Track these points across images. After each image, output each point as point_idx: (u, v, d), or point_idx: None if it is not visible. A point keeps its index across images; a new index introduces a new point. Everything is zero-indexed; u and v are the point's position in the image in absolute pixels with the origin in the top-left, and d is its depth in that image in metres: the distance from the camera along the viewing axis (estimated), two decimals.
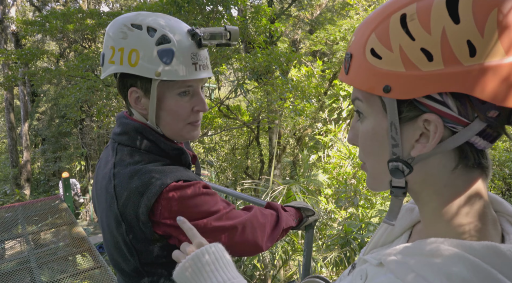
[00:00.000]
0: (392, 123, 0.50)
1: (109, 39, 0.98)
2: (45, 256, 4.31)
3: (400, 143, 0.50)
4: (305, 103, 6.50)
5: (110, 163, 1.00)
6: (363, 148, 0.57)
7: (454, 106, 0.45)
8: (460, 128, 0.46)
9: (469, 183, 0.50)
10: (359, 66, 0.52)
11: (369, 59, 0.50)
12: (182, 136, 1.05)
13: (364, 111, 0.55)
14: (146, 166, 0.95)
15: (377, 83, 0.49)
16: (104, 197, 0.99)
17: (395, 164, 0.52)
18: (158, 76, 0.94)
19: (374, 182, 0.58)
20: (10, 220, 5.20)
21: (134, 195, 0.91)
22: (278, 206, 1.22)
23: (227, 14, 5.51)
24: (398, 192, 0.55)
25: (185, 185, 0.93)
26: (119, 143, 1.02)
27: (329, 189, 7.39)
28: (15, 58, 8.15)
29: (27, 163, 13.93)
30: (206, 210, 0.95)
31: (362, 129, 0.56)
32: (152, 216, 0.91)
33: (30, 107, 15.78)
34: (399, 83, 0.47)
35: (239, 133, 11.63)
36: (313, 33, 9.97)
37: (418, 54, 0.45)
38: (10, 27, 13.30)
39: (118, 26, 0.97)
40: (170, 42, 0.94)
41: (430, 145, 0.48)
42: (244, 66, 5.94)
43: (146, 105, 1.00)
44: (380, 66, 0.49)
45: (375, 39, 0.49)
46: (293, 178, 9.09)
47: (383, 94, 0.49)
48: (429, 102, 0.47)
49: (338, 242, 4.57)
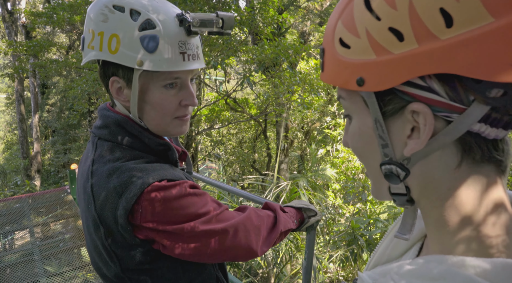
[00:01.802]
0: (376, 120, 0.42)
1: (89, 21, 0.88)
2: (49, 249, 4.30)
3: (389, 142, 0.43)
4: (314, 96, 6.37)
5: (89, 159, 0.91)
6: (355, 152, 0.49)
7: (442, 91, 0.37)
8: (455, 116, 0.38)
9: (479, 183, 0.40)
10: (331, 60, 0.46)
11: (339, 51, 0.44)
12: (168, 132, 0.96)
13: (349, 110, 0.47)
14: (126, 163, 0.86)
15: (350, 76, 0.42)
16: (83, 196, 0.90)
17: (388, 168, 0.44)
18: (140, 65, 0.83)
19: (375, 189, 0.50)
20: (18, 211, 5.21)
21: (112, 196, 0.82)
22: (276, 206, 1.13)
23: (234, 5, 5.39)
24: (400, 200, 0.46)
25: (169, 185, 0.83)
26: (99, 137, 0.93)
27: (337, 184, 7.30)
28: (24, 50, 8.16)
29: (38, 155, 14.06)
30: (193, 212, 0.85)
31: (350, 131, 0.48)
32: (131, 219, 0.82)
33: (40, 99, 15.92)
34: (372, 72, 0.40)
35: (247, 127, 11.55)
36: (323, 25, 9.78)
37: (387, 35, 0.38)
38: (20, 19, 13.35)
39: (99, 7, 0.86)
40: (155, 28, 0.84)
41: (422, 140, 0.40)
42: (251, 58, 5.82)
43: (129, 96, 0.90)
44: (350, 56, 0.42)
45: (342, 26, 0.43)
46: (300, 172, 8.99)
47: (357, 88, 0.42)
48: (412, 89, 0.39)
49: (345, 238, 4.48)
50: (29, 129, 14.91)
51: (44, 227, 4.97)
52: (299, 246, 3.84)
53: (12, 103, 19.03)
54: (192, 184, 0.89)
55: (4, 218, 4.99)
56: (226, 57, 5.74)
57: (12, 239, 5.23)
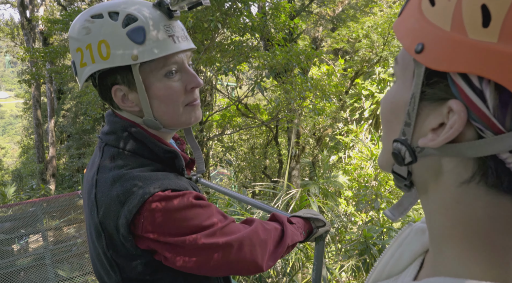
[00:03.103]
0: (413, 96, 0.38)
1: (73, 42, 0.87)
2: (61, 253, 4.33)
3: (414, 124, 0.39)
4: (325, 102, 6.32)
5: (95, 165, 0.90)
6: (381, 114, 0.45)
7: (492, 102, 0.32)
8: (489, 134, 0.33)
9: (495, 209, 0.35)
10: (411, 9, 0.39)
11: (423, 3, 0.37)
12: (183, 122, 0.94)
13: (396, 74, 0.43)
14: (131, 171, 0.84)
15: (414, 37, 0.37)
16: (87, 203, 0.89)
17: (399, 147, 0.40)
18: (136, 59, 0.83)
19: (381, 158, 0.47)
20: (32, 215, 5.28)
21: (114, 204, 0.80)
22: (283, 218, 1.09)
23: (246, 11, 5.40)
24: (399, 181, 0.43)
25: (172, 196, 0.81)
26: (106, 143, 0.92)
27: (350, 191, 7.21)
28: (41, 56, 8.34)
29: (53, 159, 14.31)
30: (197, 224, 0.83)
31: (388, 92, 0.44)
32: (133, 229, 0.80)
33: (56, 104, 16.24)
34: (435, 45, 0.34)
35: (258, 132, 11.54)
36: (335, 30, 9.75)
37: (475, 12, 0.31)
38: (38, 26, 13.68)
39: (78, 24, 0.86)
40: (138, 19, 0.84)
41: (439, 140, 0.35)
42: (263, 64, 5.82)
43: (136, 99, 0.88)
44: (428, 15, 0.36)
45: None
46: (312, 179, 8.92)
47: (413, 54, 0.37)
48: (463, 84, 0.33)
49: (358, 247, 4.39)
50: (45, 133, 15.21)
51: (57, 231, 5.02)
52: (309, 255, 3.78)
53: (29, 108, 19.45)
54: (197, 194, 0.86)
55: (18, 222, 5.07)
56: (237, 63, 5.74)
57: (27, 243, 5.31)
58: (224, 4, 5.14)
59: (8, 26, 19.03)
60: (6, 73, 63.79)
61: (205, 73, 7.60)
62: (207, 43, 5.62)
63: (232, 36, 6.33)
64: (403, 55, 0.41)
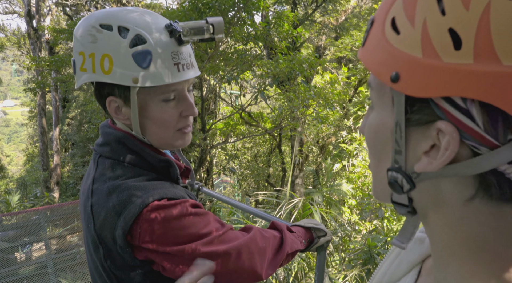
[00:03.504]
0: (397, 123, 0.38)
1: (77, 44, 0.86)
2: (64, 261, 4.33)
3: (404, 150, 0.38)
4: (329, 110, 6.32)
5: (90, 177, 0.90)
6: (367, 143, 0.44)
7: (480, 119, 0.32)
8: (484, 150, 0.33)
9: (498, 219, 0.35)
10: (375, 39, 0.39)
11: (387, 32, 0.37)
12: (171, 145, 0.94)
13: (374, 101, 0.42)
14: (126, 181, 0.84)
15: (387, 66, 0.36)
16: (83, 215, 0.89)
17: (394, 175, 0.40)
18: (136, 83, 0.82)
19: (376, 189, 0.45)
20: (35, 223, 5.28)
21: (110, 215, 0.80)
22: (283, 226, 1.08)
23: (249, 20, 5.44)
24: (401, 209, 0.42)
25: (169, 204, 0.81)
26: (100, 154, 0.92)
27: (353, 199, 7.16)
28: (46, 65, 8.42)
29: (57, 167, 14.36)
30: (195, 233, 0.82)
31: (369, 121, 0.43)
32: (130, 239, 0.80)
33: (61, 113, 16.35)
34: (411, 72, 0.34)
35: (262, 141, 11.53)
36: (338, 39, 9.78)
37: (444, 37, 0.31)
38: (44, 35, 13.85)
39: (86, 28, 0.85)
40: (146, 42, 0.82)
41: (437, 164, 0.35)
42: (266, 73, 5.84)
43: (128, 114, 0.88)
44: (395, 44, 0.36)
45: (401, 5, 0.36)
46: (316, 187, 8.88)
47: (389, 83, 0.36)
48: (448, 106, 0.33)
49: (361, 256, 4.35)
50: (49, 141, 15.29)
51: (60, 239, 5.01)
52: (311, 265, 3.75)
53: (35, 116, 19.61)
54: (194, 203, 0.86)
55: (22, 230, 5.07)
56: (241, 71, 5.77)
57: (30, 251, 5.31)
58: (228, 14, 5.18)
59: (15, 35, 19.28)
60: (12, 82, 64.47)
61: (209, 81, 7.63)
62: (210, 51, 5.65)
63: (236, 45, 6.36)
64: (376, 81, 0.41)
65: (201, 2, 4.84)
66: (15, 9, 18.52)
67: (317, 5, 9.15)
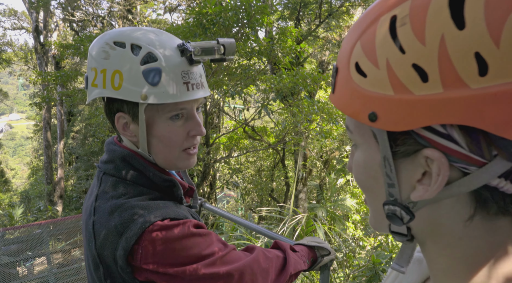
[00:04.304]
0: (385, 158, 0.38)
1: (91, 60, 0.88)
2: (64, 277, 4.28)
3: (397, 183, 0.39)
4: (332, 125, 6.32)
5: (93, 195, 0.89)
6: (357, 182, 0.45)
7: (463, 141, 0.33)
8: (473, 169, 0.34)
9: (494, 236, 0.36)
10: (343, 84, 0.40)
11: (353, 76, 0.39)
12: (175, 165, 0.93)
13: (356, 141, 0.43)
14: (129, 200, 0.83)
15: (362, 108, 0.38)
16: (85, 233, 0.88)
17: (392, 209, 0.40)
18: (145, 99, 0.82)
19: (374, 221, 0.46)
20: (38, 237, 5.27)
21: (112, 235, 0.79)
22: (286, 246, 1.07)
23: (253, 36, 5.51)
24: (400, 238, 0.42)
25: (171, 225, 0.80)
26: (104, 172, 0.91)
27: (358, 214, 7.10)
28: (52, 80, 8.53)
29: (61, 180, 14.39)
30: (197, 254, 0.81)
31: (355, 160, 0.44)
32: (131, 260, 0.79)
33: (66, 126, 16.48)
34: (387, 110, 0.35)
35: (265, 155, 11.52)
36: None
37: (409, 73, 0.33)
38: (51, 50, 14.07)
39: (100, 45, 0.86)
40: (157, 60, 0.83)
41: (432, 190, 0.36)
42: (270, 87, 5.88)
43: (136, 131, 0.89)
44: (365, 86, 0.37)
45: (360, 50, 0.38)
46: (319, 202, 8.82)
47: (368, 123, 0.37)
48: (429, 134, 0.34)
49: (366, 273, 4.28)
50: (54, 155, 15.35)
51: (62, 254, 4.98)
52: None
53: (40, 130, 19.76)
54: (196, 223, 0.85)
55: (24, 244, 5.05)
56: (244, 86, 5.81)
57: (32, 265, 5.27)
58: (232, 29, 5.25)
59: (22, 50, 19.61)
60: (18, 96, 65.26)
61: (213, 95, 7.69)
62: (214, 66, 5.71)
63: (240, 60, 6.42)
64: (354, 123, 0.42)
65: (206, 18, 4.91)
66: (23, 25, 18.88)
67: (320, 21, 9.26)
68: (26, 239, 5.18)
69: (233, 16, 4.86)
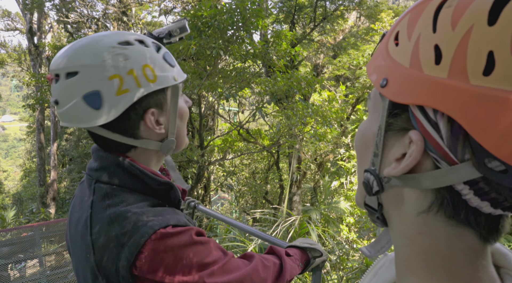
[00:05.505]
0: (380, 127, 0.41)
1: (106, 69, 0.81)
2: (57, 279, 4.26)
3: (381, 154, 0.41)
4: (326, 128, 6.36)
5: (87, 204, 0.86)
6: (355, 147, 0.47)
7: (446, 134, 0.34)
8: (444, 164, 0.34)
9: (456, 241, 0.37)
10: (379, 50, 0.43)
11: (389, 44, 0.41)
12: (185, 142, 0.99)
13: (368, 108, 0.45)
14: (128, 208, 0.81)
15: (380, 73, 0.40)
16: (80, 244, 0.84)
17: (368, 176, 0.42)
18: (176, 80, 0.89)
19: (357, 193, 0.48)
20: (30, 239, 5.22)
21: (113, 245, 0.77)
22: (281, 252, 1.07)
23: (248, 39, 5.53)
24: (371, 214, 0.44)
25: (174, 232, 0.79)
26: (97, 180, 0.88)
27: (351, 217, 7.12)
28: (45, 81, 8.48)
29: (54, 182, 14.28)
30: (198, 263, 0.80)
31: (359, 126, 0.46)
32: (134, 270, 0.76)
33: (59, 128, 16.35)
34: (397, 79, 0.38)
35: (260, 157, 11.53)
36: (336, 57, 9.92)
37: (429, 51, 0.35)
38: (45, 52, 13.99)
39: (107, 50, 0.82)
40: (162, 47, 0.90)
41: (399, 168, 0.37)
42: (264, 90, 5.90)
43: (165, 121, 0.90)
44: (392, 53, 0.40)
45: (406, 22, 0.39)
46: (313, 204, 8.84)
47: (378, 88, 0.40)
48: (420, 116, 0.36)
49: (359, 276, 4.30)
50: (47, 157, 15.24)
51: (55, 256, 4.94)
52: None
53: (33, 131, 19.61)
54: (198, 230, 0.84)
55: (16, 247, 5.00)
56: (239, 89, 5.82)
57: (24, 268, 5.22)
58: (227, 32, 5.26)
59: (16, 52, 19.47)
60: (11, 97, 64.74)
61: (207, 98, 7.69)
62: (209, 69, 5.72)
63: (235, 63, 6.44)
64: (375, 91, 0.44)
65: (201, 21, 4.92)
66: (17, 26, 18.78)
67: (315, 24, 9.32)
68: (18, 241, 5.14)
69: (228, 19, 4.87)
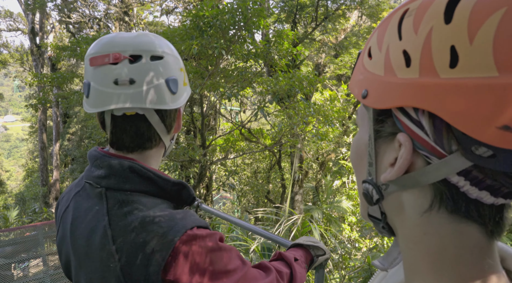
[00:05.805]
0: (370, 137, 0.42)
1: (178, 61, 0.94)
2: (60, 278, 4.28)
3: (375, 163, 0.42)
4: (328, 127, 6.36)
5: (100, 213, 0.82)
6: (351, 162, 0.49)
7: (430, 130, 0.35)
8: (435, 159, 0.35)
9: (461, 237, 0.36)
10: (357, 67, 0.46)
11: (364, 59, 0.44)
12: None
13: (357, 123, 0.47)
14: (148, 213, 0.79)
15: (360, 86, 0.43)
16: (97, 255, 0.80)
17: (366, 186, 0.43)
18: None
19: (360, 206, 0.48)
20: (33, 239, 5.24)
21: (141, 252, 0.75)
22: (291, 259, 1.06)
23: (250, 39, 5.53)
24: (376, 225, 0.45)
25: (200, 235, 0.78)
26: (107, 188, 0.84)
27: (353, 216, 7.12)
28: (48, 81, 8.51)
29: (56, 182, 14.32)
30: (222, 269, 0.79)
31: (352, 141, 0.48)
32: (164, 274, 0.75)
33: (62, 128, 16.41)
34: (375, 89, 0.40)
35: (262, 157, 11.54)
36: (338, 57, 9.91)
37: (399, 57, 0.37)
38: (47, 52, 14.03)
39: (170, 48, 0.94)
40: None
41: (393, 172, 0.38)
42: (266, 90, 5.90)
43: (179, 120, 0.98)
44: (368, 67, 0.43)
45: (375, 37, 0.43)
46: (315, 204, 8.84)
47: (361, 99, 0.42)
48: (404, 119, 0.37)
49: (362, 275, 4.30)
50: (49, 157, 15.28)
51: (57, 255, 4.96)
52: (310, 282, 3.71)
53: (35, 131, 19.68)
54: (221, 236, 0.83)
55: (19, 246, 5.02)
56: (241, 88, 5.83)
57: (27, 267, 5.25)
58: (229, 32, 5.27)
59: (18, 52, 19.54)
60: (14, 97, 64.94)
61: (209, 98, 7.70)
62: (211, 69, 5.73)
63: (236, 62, 6.45)
64: (360, 106, 0.46)
65: (203, 21, 4.93)
66: (19, 27, 18.83)
67: (316, 24, 9.31)
68: (22, 241, 5.16)
69: (230, 19, 4.88)
